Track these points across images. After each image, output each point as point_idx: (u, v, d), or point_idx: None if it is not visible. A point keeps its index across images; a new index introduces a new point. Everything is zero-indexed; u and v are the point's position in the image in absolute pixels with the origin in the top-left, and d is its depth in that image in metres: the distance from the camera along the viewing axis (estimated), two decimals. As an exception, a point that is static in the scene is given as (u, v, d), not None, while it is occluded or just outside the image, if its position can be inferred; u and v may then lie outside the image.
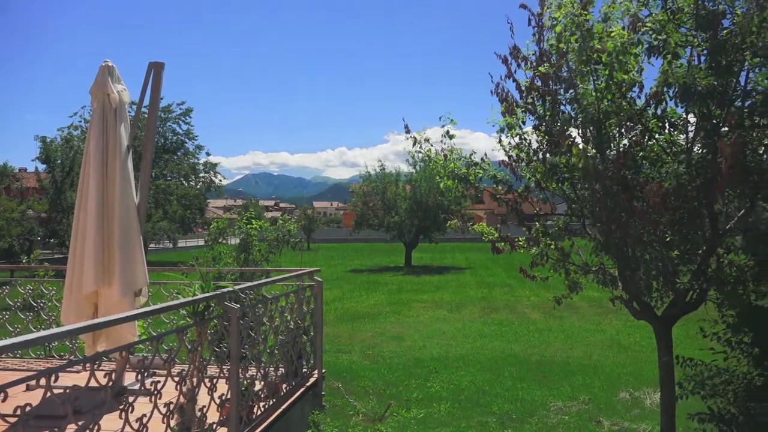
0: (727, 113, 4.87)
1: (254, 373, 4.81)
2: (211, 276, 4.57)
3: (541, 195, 6.21)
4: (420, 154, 6.48)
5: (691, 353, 6.12)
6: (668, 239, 5.35)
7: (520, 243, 6.05)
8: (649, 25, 4.93)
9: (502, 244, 6.09)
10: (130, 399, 3.27)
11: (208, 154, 42.95)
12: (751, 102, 4.91)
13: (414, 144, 6.37)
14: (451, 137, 6.28)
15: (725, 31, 4.81)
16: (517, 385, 9.45)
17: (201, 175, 41.91)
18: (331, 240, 63.31)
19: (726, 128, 4.83)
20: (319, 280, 6.52)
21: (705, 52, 4.93)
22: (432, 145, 6.39)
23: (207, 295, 4.18)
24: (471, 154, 6.55)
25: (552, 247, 5.87)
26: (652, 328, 6.00)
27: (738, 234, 5.42)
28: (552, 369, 10.40)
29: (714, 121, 4.96)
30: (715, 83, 4.71)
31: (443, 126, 6.27)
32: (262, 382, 4.91)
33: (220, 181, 43.60)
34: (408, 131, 6.38)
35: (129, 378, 4.80)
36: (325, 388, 8.67)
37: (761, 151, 4.82)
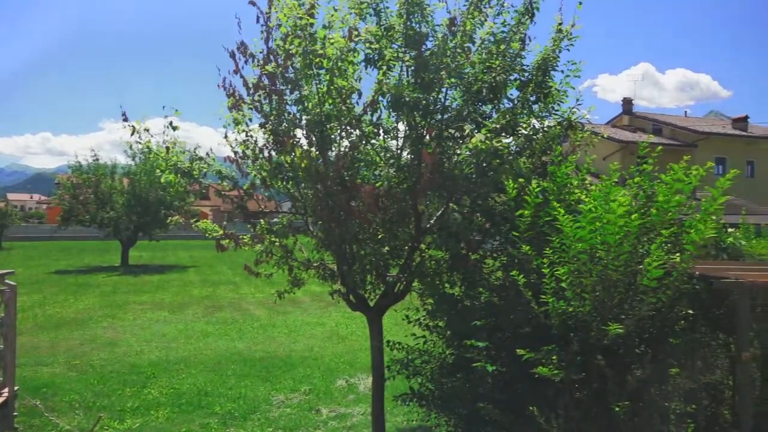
0: (429, 124, 5.53)
1: None
2: None
3: (266, 193, 6.28)
4: (139, 145, 6.04)
5: (399, 339, 6.80)
6: (380, 236, 5.86)
7: (245, 240, 6.04)
8: (363, 35, 5.34)
9: (227, 241, 6.01)
10: None
11: None
12: (447, 116, 5.64)
13: (133, 134, 5.91)
14: (174, 128, 5.97)
15: (428, 52, 5.45)
16: (241, 382, 9.42)
17: None
18: (31, 238, 55.30)
19: (428, 138, 5.48)
20: (12, 283, 5.67)
21: (413, 68, 5.51)
22: (153, 136, 6.00)
23: None
24: (195, 148, 6.33)
25: (276, 244, 5.98)
26: (366, 318, 6.51)
27: (435, 232, 6.17)
28: (275, 364, 10.60)
29: (420, 132, 5.58)
30: (420, 96, 5.31)
31: (166, 116, 5.94)
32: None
33: None
34: (126, 119, 5.90)
35: None
36: (19, 407, 7.56)
37: (454, 160, 5.55)
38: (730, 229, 7.37)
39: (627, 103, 40.31)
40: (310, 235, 6.13)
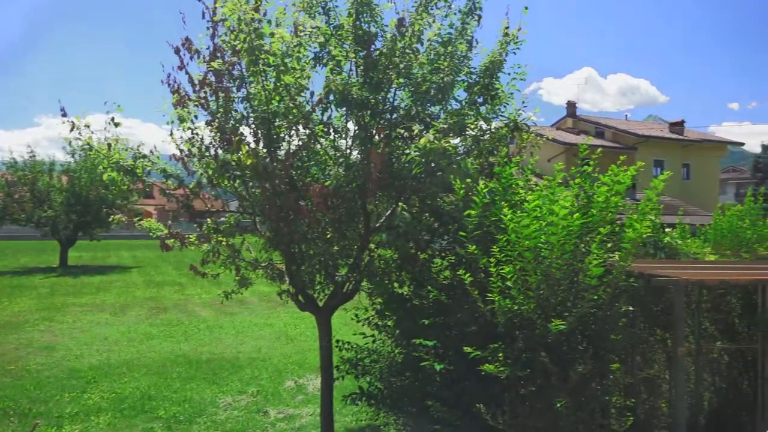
0: (379, 124, 5.54)
1: None
2: None
3: (213, 191, 6.17)
4: (79, 142, 5.82)
5: (349, 339, 6.80)
6: (329, 236, 5.84)
7: (191, 240, 5.92)
8: (309, 30, 5.31)
9: (172, 240, 5.87)
10: None
11: None
12: (396, 116, 5.66)
13: (72, 130, 5.70)
14: (116, 125, 5.79)
15: (377, 51, 5.46)
16: (186, 385, 9.22)
17: None
18: (-39, 238, 52.64)
19: (377, 137, 5.49)
20: (-59, 286, 5.38)
21: (362, 67, 5.51)
22: (93, 133, 5.80)
23: None
24: (139, 146, 6.16)
25: (223, 243, 5.88)
26: (315, 319, 6.47)
27: (385, 231, 6.20)
28: (222, 365, 10.42)
29: (369, 131, 5.58)
30: (369, 96, 5.31)
31: (108, 112, 5.75)
32: None
33: None
34: (65, 115, 5.69)
35: None
36: (-52, 416, 7.21)
37: (403, 160, 5.58)
38: (667, 229, 7.66)
39: (571, 106, 41.50)
40: (258, 234, 6.05)
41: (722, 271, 5.61)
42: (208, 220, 5.94)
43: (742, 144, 47.34)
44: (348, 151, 5.84)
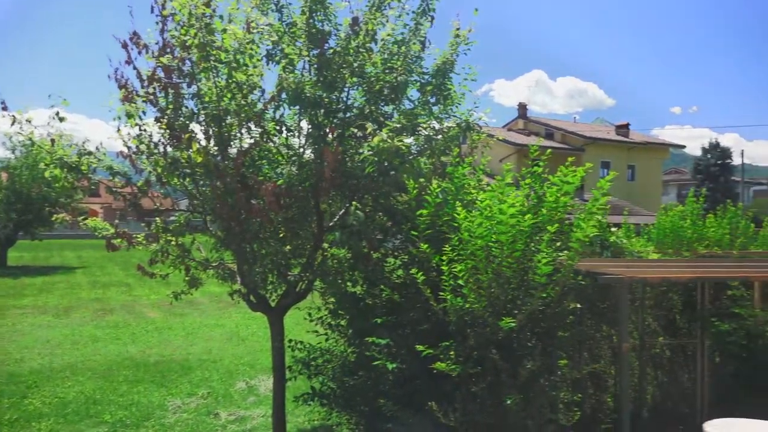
0: (332, 123, 5.53)
1: None
2: None
3: (162, 190, 6.02)
4: (21, 137, 5.60)
5: (301, 338, 6.75)
6: (282, 235, 5.79)
7: (139, 239, 5.77)
8: (262, 28, 5.26)
9: (119, 240, 5.71)
10: None
11: None
12: (350, 115, 5.66)
13: (13, 124, 5.47)
14: (61, 120, 5.58)
15: (331, 50, 5.44)
16: (133, 388, 8.98)
17: None
18: None
19: (331, 136, 5.47)
20: None
21: (315, 66, 5.49)
22: (36, 128, 5.59)
23: None
24: (84, 142, 5.97)
25: (173, 243, 5.75)
26: (267, 319, 6.40)
27: (337, 230, 6.18)
28: (171, 368, 10.19)
29: (322, 130, 5.56)
30: (322, 95, 5.29)
31: (52, 107, 5.54)
32: None
33: None
34: (5, 108, 5.46)
35: None
36: None
37: (356, 160, 5.57)
38: (613, 229, 7.88)
39: (522, 107, 42.34)
40: (208, 233, 5.95)
41: (664, 270, 5.82)
42: (157, 219, 5.79)
43: (684, 147, 49.27)
44: (301, 149, 5.80)
